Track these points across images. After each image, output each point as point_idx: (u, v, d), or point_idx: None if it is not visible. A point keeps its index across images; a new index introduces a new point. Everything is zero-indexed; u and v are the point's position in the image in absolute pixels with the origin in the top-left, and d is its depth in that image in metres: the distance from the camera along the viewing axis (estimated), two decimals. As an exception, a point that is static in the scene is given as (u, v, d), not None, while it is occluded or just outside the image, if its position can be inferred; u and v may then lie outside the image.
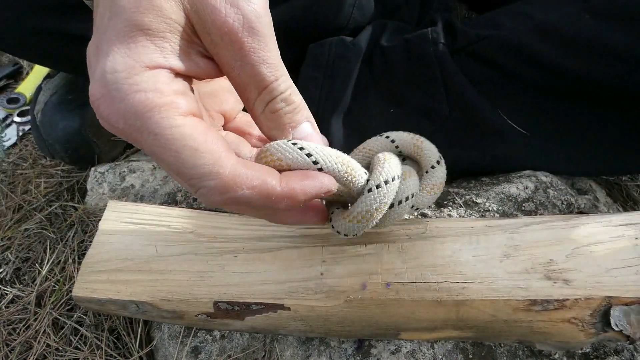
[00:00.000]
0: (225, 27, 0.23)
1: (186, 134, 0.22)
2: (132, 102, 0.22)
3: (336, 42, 0.60)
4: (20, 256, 0.55)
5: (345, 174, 0.28)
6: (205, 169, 0.23)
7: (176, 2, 0.23)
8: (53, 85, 0.64)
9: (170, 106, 0.22)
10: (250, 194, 0.24)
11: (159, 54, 0.23)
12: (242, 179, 0.23)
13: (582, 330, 0.34)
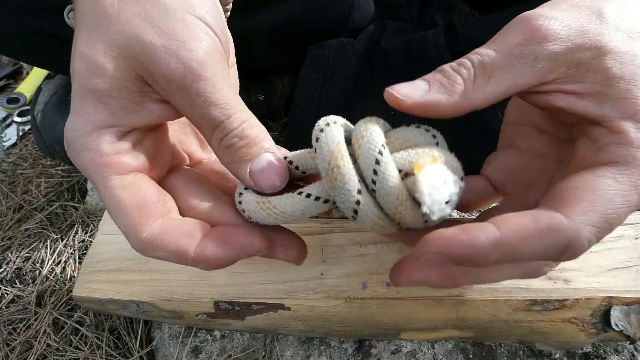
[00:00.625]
0: (170, 77, 0.24)
1: (114, 196, 0.25)
2: (81, 160, 0.25)
3: (336, 43, 0.60)
4: (21, 256, 0.55)
5: None
6: (127, 229, 0.26)
7: (119, 60, 0.24)
8: (53, 86, 0.64)
9: (108, 167, 0.25)
10: (166, 255, 0.26)
11: (108, 114, 0.24)
12: (158, 243, 0.25)
13: (582, 330, 0.34)
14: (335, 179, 0.25)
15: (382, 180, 0.25)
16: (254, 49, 0.59)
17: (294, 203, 0.27)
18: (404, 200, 0.25)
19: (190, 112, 0.25)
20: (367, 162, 0.25)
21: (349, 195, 0.25)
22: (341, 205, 0.26)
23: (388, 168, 0.25)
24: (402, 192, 0.25)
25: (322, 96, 0.58)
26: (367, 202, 0.26)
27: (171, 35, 0.24)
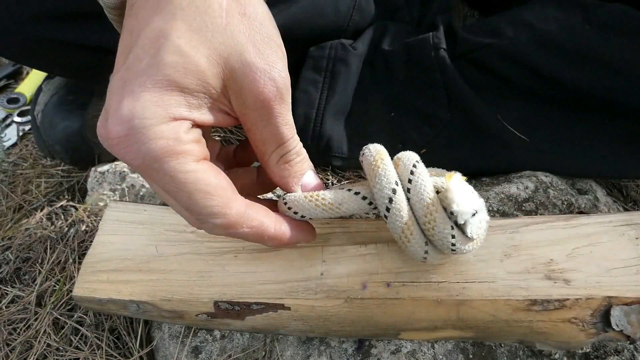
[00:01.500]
0: (262, 95, 0.26)
1: (199, 179, 0.26)
2: (153, 147, 0.24)
3: (336, 45, 0.60)
4: (21, 256, 0.55)
5: None
6: (214, 209, 0.27)
7: (218, 69, 0.26)
8: (53, 86, 0.64)
9: (186, 153, 0.25)
10: (248, 231, 0.29)
11: (186, 109, 0.25)
12: (244, 219, 0.28)
13: (582, 330, 0.34)
14: (377, 171, 0.30)
15: (417, 183, 0.30)
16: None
17: (342, 197, 0.31)
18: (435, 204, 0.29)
19: (262, 128, 0.28)
20: (405, 168, 0.30)
21: (385, 188, 0.30)
22: (378, 198, 0.30)
23: (422, 175, 0.30)
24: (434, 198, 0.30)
25: (322, 97, 0.58)
26: (401, 199, 0.30)
27: (268, 59, 0.26)
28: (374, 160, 0.31)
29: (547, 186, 0.51)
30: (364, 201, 0.31)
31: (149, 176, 0.26)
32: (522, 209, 0.49)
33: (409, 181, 0.30)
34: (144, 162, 0.25)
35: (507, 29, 0.55)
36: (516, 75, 0.52)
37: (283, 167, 0.30)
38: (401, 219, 0.30)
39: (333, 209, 0.31)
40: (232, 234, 0.28)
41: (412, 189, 0.30)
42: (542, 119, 0.53)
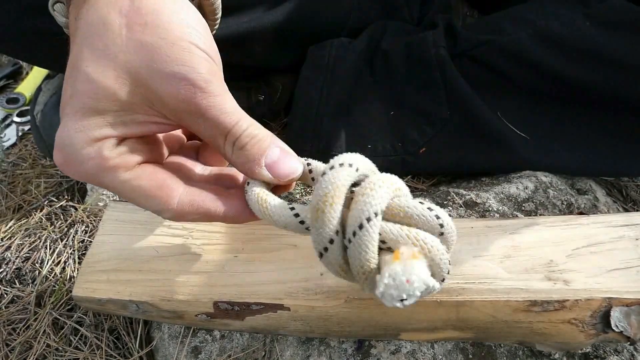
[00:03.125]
0: (181, 97, 0.27)
1: (134, 186, 0.28)
2: (87, 168, 0.27)
3: (336, 43, 0.60)
4: (20, 256, 0.55)
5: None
6: (158, 207, 0.29)
7: (129, 86, 0.26)
8: (53, 86, 0.64)
9: (117, 167, 0.27)
10: (198, 217, 0.30)
11: (108, 128, 0.27)
12: (190, 208, 0.30)
13: (582, 331, 0.34)
14: (317, 219, 0.26)
15: (357, 244, 0.25)
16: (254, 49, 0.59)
17: (282, 213, 0.29)
18: (369, 272, 0.26)
19: (202, 126, 0.28)
20: (354, 220, 0.25)
21: (321, 238, 0.27)
22: (313, 241, 0.27)
23: (367, 237, 0.25)
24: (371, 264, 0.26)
25: (322, 96, 0.58)
26: (335, 253, 0.27)
27: (177, 60, 0.26)
28: (322, 202, 0.26)
29: (547, 186, 0.51)
30: (302, 225, 0.29)
31: (100, 186, 0.29)
32: (522, 209, 0.49)
33: (354, 234, 0.25)
34: (88, 179, 0.28)
35: (507, 25, 0.55)
36: (516, 72, 0.52)
37: (239, 154, 0.29)
38: (332, 268, 0.28)
39: (272, 221, 0.30)
40: (186, 221, 0.31)
41: (351, 248, 0.26)
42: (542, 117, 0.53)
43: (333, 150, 0.57)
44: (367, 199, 0.25)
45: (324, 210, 0.26)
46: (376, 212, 0.25)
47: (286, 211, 0.29)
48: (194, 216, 0.30)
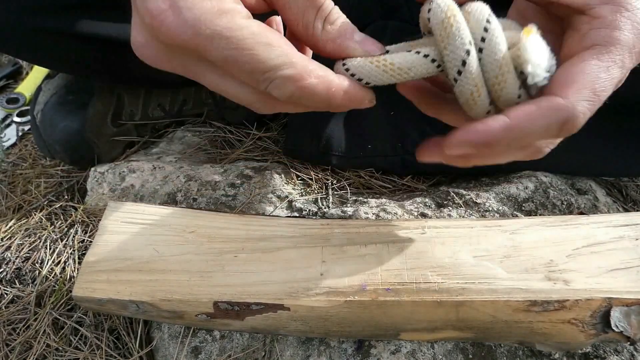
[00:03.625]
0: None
1: (256, 32, 0.25)
2: (200, 10, 0.24)
3: None
4: (20, 256, 0.55)
5: None
6: (280, 59, 0.25)
7: None
8: (53, 86, 0.64)
9: (235, 11, 0.25)
10: (317, 82, 0.26)
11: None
12: (310, 68, 0.26)
13: (582, 331, 0.34)
14: (451, 28, 0.26)
15: (490, 41, 0.27)
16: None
17: (411, 61, 0.28)
18: (508, 64, 0.27)
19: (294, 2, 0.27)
20: (478, 24, 0.27)
21: (460, 48, 0.27)
22: (449, 61, 0.27)
23: (496, 32, 0.27)
24: (507, 57, 0.27)
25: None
26: (474, 62, 0.27)
27: None
28: (447, 17, 0.27)
29: (546, 186, 0.51)
30: (433, 64, 0.28)
31: (203, 49, 0.25)
32: (522, 209, 0.49)
33: (482, 39, 0.27)
34: (196, 31, 0.24)
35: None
36: None
37: (330, 29, 0.28)
38: (472, 83, 0.27)
39: (402, 74, 0.28)
40: (302, 87, 0.26)
41: (486, 48, 0.27)
42: None
43: (333, 150, 0.57)
44: (479, 7, 0.27)
45: (452, 23, 0.26)
46: (490, 13, 0.27)
47: (412, 56, 0.28)
48: (312, 79, 0.26)
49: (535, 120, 0.25)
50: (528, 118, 0.26)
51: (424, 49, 0.28)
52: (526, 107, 0.26)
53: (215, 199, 0.53)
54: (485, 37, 0.27)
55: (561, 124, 0.25)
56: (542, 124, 0.25)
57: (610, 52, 0.26)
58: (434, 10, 0.27)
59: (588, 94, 0.26)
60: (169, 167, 0.58)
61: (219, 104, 0.69)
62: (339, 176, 0.59)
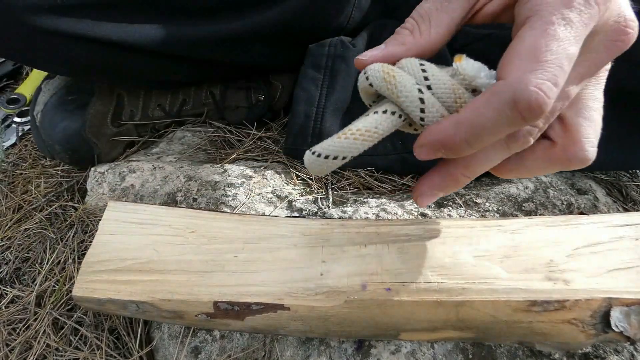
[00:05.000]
0: None
1: None
2: None
3: (336, 42, 0.60)
4: (20, 256, 0.55)
5: None
6: None
7: None
8: (53, 86, 0.64)
9: None
10: None
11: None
12: None
13: (582, 331, 0.34)
14: (394, 79, 0.28)
15: (433, 76, 0.28)
16: (253, 49, 0.59)
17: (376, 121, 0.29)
18: (459, 87, 0.28)
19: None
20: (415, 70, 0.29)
21: (412, 90, 0.28)
22: (408, 105, 0.28)
23: (433, 67, 0.29)
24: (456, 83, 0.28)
25: (322, 95, 0.58)
26: (431, 97, 0.28)
27: None
28: (385, 74, 0.28)
29: (546, 186, 0.51)
30: (394, 116, 0.29)
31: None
32: (521, 209, 0.49)
33: (425, 79, 0.28)
34: None
35: None
36: None
37: None
38: (437, 115, 0.28)
39: (371, 135, 0.29)
40: None
41: (433, 84, 0.28)
42: None
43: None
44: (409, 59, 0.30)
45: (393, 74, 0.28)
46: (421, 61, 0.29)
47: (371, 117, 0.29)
48: None
49: (480, 108, 0.25)
50: (473, 109, 0.25)
51: (380, 107, 0.29)
52: (473, 100, 0.26)
53: (215, 199, 0.53)
54: (426, 76, 0.28)
55: (511, 105, 0.23)
56: (490, 111, 0.24)
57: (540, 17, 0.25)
58: (371, 75, 0.29)
59: (532, 65, 0.23)
60: (169, 167, 0.58)
61: (219, 104, 0.69)
62: (339, 176, 0.59)
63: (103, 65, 0.57)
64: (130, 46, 0.53)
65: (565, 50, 0.24)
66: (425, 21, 0.30)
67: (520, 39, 0.25)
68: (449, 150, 0.26)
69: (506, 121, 0.24)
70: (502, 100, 0.24)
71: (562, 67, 0.23)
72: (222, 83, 0.69)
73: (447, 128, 0.26)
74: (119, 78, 0.61)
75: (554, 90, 0.23)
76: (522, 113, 0.23)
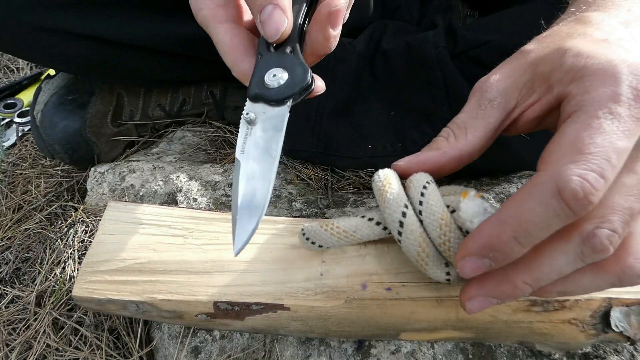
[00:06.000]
0: None
1: (219, 40, 0.32)
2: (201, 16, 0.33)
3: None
4: (20, 256, 0.55)
5: None
6: (229, 63, 0.33)
7: None
8: (53, 86, 0.64)
9: (213, 18, 0.32)
10: None
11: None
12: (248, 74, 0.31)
13: (582, 331, 0.34)
14: (386, 194, 0.30)
15: (428, 204, 0.29)
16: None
17: (356, 224, 0.32)
18: (449, 224, 0.28)
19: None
20: (415, 190, 0.30)
21: (395, 212, 0.29)
22: (389, 222, 0.30)
23: (432, 195, 0.29)
24: (447, 218, 0.28)
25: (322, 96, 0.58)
26: (412, 222, 0.29)
27: None
28: (382, 186, 0.30)
29: (547, 186, 0.51)
30: (378, 227, 0.32)
31: None
32: (522, 209, 0.49)
33: (420, 203, 0.29)
34: None
35: (507, 25, 0.55)
36: None
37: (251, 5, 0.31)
38: (414, 242, 0.29)
39: (348, 236, 0.32)
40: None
41: (424, 210, 0.29)
42: None
43: (333, 150, 0.57)
44: (417, 176, 0.31)
45: (387, 190, 0.30)
46: (428, 180, 0.30)
47: (356, 220, 0.32)
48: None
49: (523, 203, 0.23)
50: (515, 204, 0.24)
51: (369, 213, 0.32)
52: (514, 195, 0.24)
53: (215, 199, 0.53)
54: (422, 200, 0.29)
55: (556, 195, 0.22)
56: (533, 203, 0.23)
57: (585, 111, 0.24)
58: (375, 182, 0.31)
59: (574, 157, 0.22)
60: (169, 167, 0.58)
61: (219, 104, 0.69)
62: (339, 176, 0.59)
63: (101, 62, 0.57)
64: (127, 43, 0.53)
65: (611, 143, 0.22)
66: (461, 128, 0.31)
67: (562, 133, 0.24)
68: (497, 253, 0.24)
69: (553, 213, 0.22)
70: (546, 191, 0.23)
71: (609, 160, 0.22)
72: (222, 83, 0.69)
73: (490, 229, 0.24)
74: (118, 75, 0.61)
75: (600, 181, 0.22)
76: (568, 203, 0.22)
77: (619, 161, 0.23)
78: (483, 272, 0.26)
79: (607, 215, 0.23)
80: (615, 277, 0.26)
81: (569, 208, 0.22)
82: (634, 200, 0.23)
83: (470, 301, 0.28)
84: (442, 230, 0.28)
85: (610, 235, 0.23)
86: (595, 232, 0.23)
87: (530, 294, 0.27)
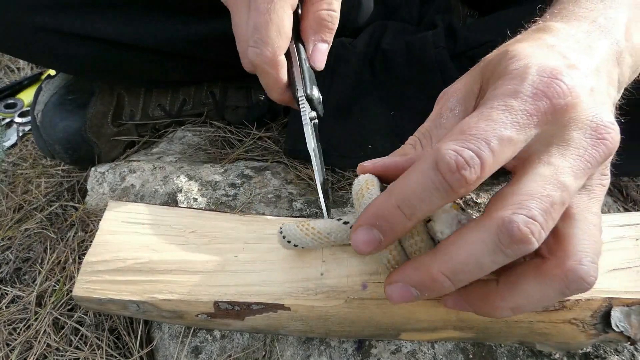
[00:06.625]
0: None
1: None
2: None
3: (336, 43, 0.60)
4: (21, 256, 0.55)
5: None
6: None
7: None
8: (53, 86, 0.64)
9: None
10: None
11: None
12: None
13: (582, 331, 0.34)
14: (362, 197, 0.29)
15: None
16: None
17: (330, 227, 0.32)
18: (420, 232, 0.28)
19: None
20: None
21: None
22: None
23: None
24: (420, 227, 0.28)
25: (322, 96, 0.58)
26: None
27: None
28: (360, 189, 0.30)
29: (547, 186, 0.51)
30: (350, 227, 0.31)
31: None
32: (522, 209, 0.49)
33: None
34: None
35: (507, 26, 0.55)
36: None
37: None
38: (386, 249, 0.29)
39: (322, 238, 0.32)
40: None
41: None
42: None
43: (333, 150, 0.57)
44: None
45: (364, 194, 0.29)
46: None
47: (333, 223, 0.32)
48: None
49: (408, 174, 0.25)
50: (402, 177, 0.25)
51: (345, 217, 0.32)
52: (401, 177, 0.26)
53: (215, 199, 0.53)
54: None
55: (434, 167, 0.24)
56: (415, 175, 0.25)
57: (484, 104, 0.25)
58: (354, 185, 0.31)
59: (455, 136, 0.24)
60: (169, 167, 0.58)
61: (219, 104, 0.69)
62: (339, 176, 0.59)
63: (102, 63, 0.57)
64: (128, 44, 0.53)
65: (495, 129, 0.23)
66: (426, 137, 0.31)
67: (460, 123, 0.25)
68: (383, 222, 0.26)
69: (432, 185, 0.24)
70: (427, 164, 0.24)
71: (488, 143, 0.23)
72: (222, 83, 0.69)
73: (379, 199, 0.26)
74: (118, 76, 0.61)
75: (475, 159, 0.23)
76: (444, 175, 0.23)
77: (501, 148, 0.23)
78: (375, 246, 0.27)
79: (524, 202, 0.23)
80: (561, 283, 0.25)
81: (444, 180, 0.23)
82: (551, 189, 0.23)
83: (390, 286, 0.29)
84: (414, 239, 0.28)
85: (527, 221, 0.23)
86: (511, 217, 0.23)
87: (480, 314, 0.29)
